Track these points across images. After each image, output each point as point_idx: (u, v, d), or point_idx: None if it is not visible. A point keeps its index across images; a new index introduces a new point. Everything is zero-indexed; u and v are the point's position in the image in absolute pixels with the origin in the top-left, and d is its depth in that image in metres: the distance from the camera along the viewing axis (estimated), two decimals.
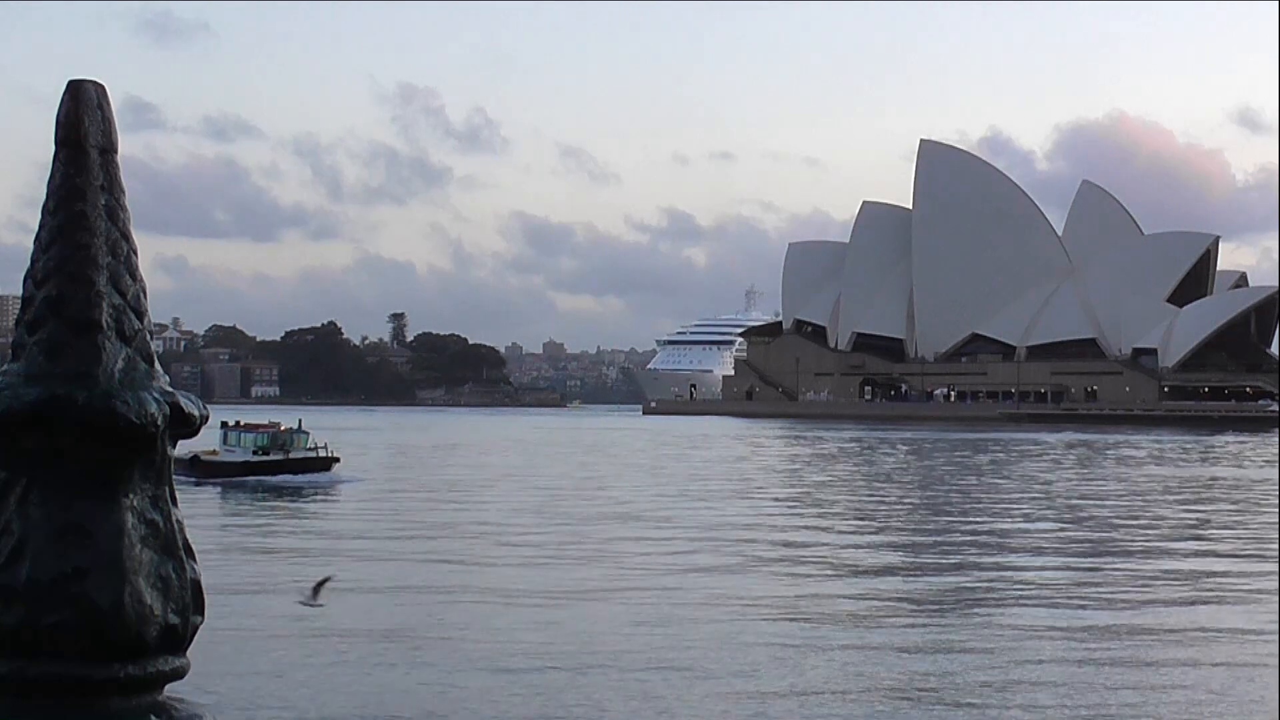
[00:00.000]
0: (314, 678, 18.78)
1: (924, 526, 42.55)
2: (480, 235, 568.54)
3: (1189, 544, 39.38)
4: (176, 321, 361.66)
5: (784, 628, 23.65)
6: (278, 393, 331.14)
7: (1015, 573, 31.70)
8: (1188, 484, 64.43)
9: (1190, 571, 33.29)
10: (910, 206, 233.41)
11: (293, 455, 61.27)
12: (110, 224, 2.09)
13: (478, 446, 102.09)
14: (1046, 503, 52.68)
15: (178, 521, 2.09)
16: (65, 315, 2.07)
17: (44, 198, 2.08)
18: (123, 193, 2.11)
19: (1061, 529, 43.05)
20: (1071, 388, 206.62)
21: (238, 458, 60.86)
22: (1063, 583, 29.88)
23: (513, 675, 19.08)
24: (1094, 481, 65.57)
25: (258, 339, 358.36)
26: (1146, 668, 20.72)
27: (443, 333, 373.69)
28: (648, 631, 22.72)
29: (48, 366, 2.07)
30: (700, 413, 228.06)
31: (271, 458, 60.87)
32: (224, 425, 63.63)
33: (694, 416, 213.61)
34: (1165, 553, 37.20)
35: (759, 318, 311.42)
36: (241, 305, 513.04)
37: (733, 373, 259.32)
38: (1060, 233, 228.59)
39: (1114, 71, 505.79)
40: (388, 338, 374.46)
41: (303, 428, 63.10)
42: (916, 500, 53.97)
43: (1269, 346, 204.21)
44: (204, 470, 59.62)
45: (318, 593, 20.81)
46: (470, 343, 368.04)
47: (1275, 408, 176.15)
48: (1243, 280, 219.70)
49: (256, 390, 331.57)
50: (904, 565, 33.72)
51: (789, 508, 49.61)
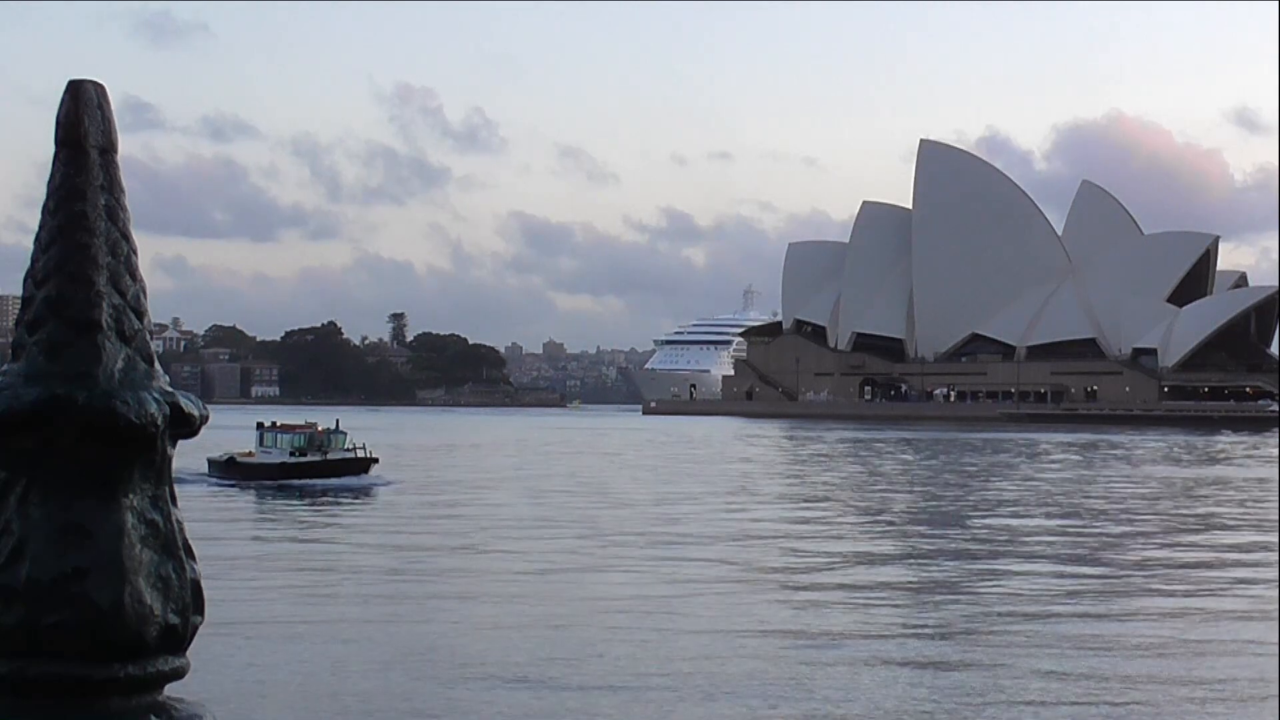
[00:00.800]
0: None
1: (926, 530, 42.17)
2: (479, 235, 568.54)
3: (1192, 542, 39.04)
4: (176, 321, 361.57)
5: (786, 639, 23.41)
6: (278, 393, 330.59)
7: (1015, 577, 31.35)
8: (1190, 484, 64.12)
9: (1194, 573, 32.98)
10: (910, 206, 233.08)
11: (331, 456, 59.82)
12: (110, 224, 2.09)
13: (488, 447, 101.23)
14: (1046, 503, 52.28)
15: (178, 521, 2.10)
16: (65, 315, 2.07)
17: (44, 198, 2.09)
18: (123, 192, 2.12)
19: (1062, 529, 42.64)
20: (1071, 388, 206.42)
21: (274, 459, 59.68)
22: (1059, 591, 29.47)
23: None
24: (1095, 482, 65.27)
25: (257, 339, 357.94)
26: (1155, 683, 20.68)
27: (443, 333, 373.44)
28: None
29: (48, 366, 2.05)
30: (700, 413, 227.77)
31: (309, 459, 59.45)
32: (260, 426, 62.31)
33: (694, 417, 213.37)
34: (1168, 554, 36.85)
35: (756, 318, 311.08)
36: (241, 305, 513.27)
37: (731, 373, 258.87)
38: (1060, 233, 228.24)
39: (1112, 71, 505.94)
40: (388, 338, 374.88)
41: (340, 428, 61.66)
42: (919, 501, 53.56)
43: (1269, 346, 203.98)
44: (240, 472, 58.85)
45: None
46: (470, 343, 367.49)
47: (1275, 408, 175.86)
48: (1243, 280, 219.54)
49: (256, 390, 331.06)
50: (910, 570, 33.22)
51: (792, 510, 49.20)
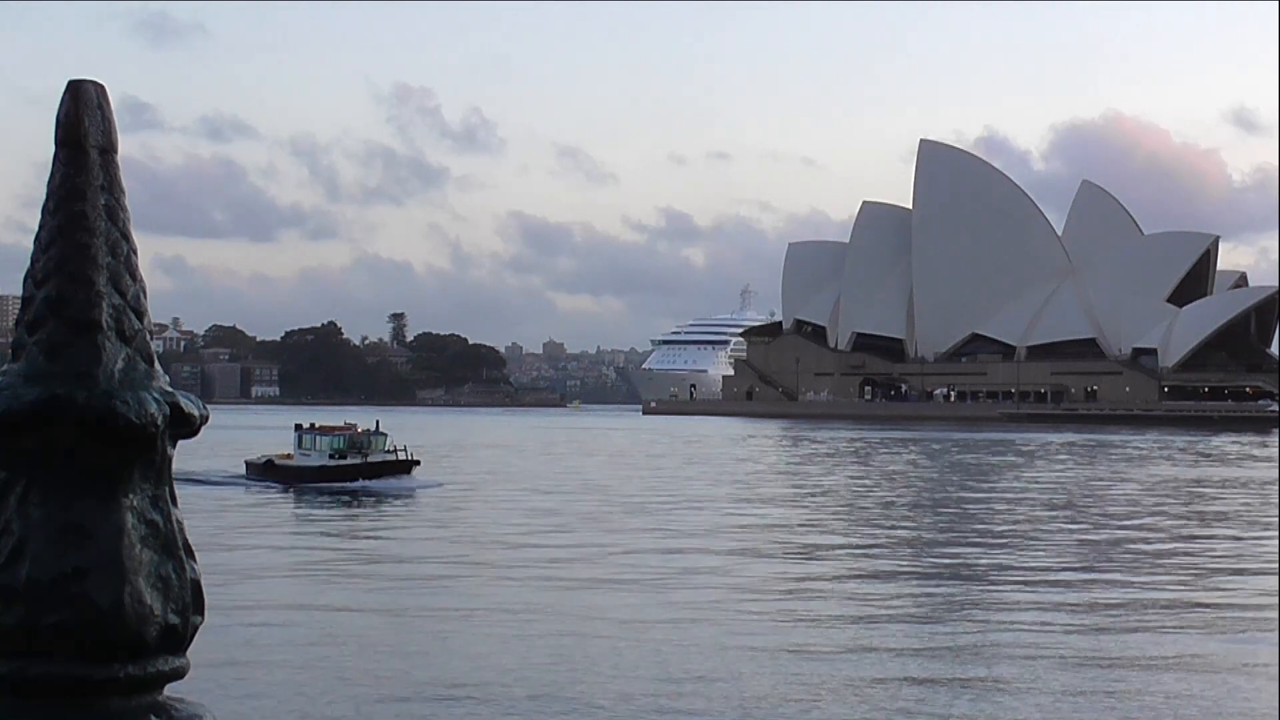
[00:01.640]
0: None
1: (930, 533, 42.05)
2: (478, 235, 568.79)
3: (1192, 545, 38.96)
4: (176, 321, 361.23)
5: (789, 641, 23.42)
6: (278, 393, 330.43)
7: (1018, 588, 31.05)
8: (1190, 484, 63.99)
9: (1194, 576, 32.86)
10: (910, 206, 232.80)
11: (371, 458, 58.32)
12: (110, 224, 2.08)
13: (503, 448, 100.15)
14: (1051, 504, 52.08)
15: (178, 521, 2.09)
16: (65, 315, 2.05)
17: (44, 198, 2.09)
18: (123, 193, 2.12)
19: (1064, 530, 42.48)
20: (1071, 388, 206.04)
21: (313, 462, 58.52)
22: (1065, 603, 29.01)
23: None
24: (1096, 481, 65.15)
25: (257, 339, 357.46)
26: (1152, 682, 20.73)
27: (442, 333, 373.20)
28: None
29: (48, 366, 2.04)
30: (700, 413, 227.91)
31: (349, 461, 57.98)
32: (298, 428, 61.21)
33: (694, 417, 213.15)
34: (1168, 555, 36.75)
35: (754, 318, 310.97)
36: (241, 305, 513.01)
37: (731, 372, 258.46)
38: (1060, 232, 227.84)
39: (1109, 71, 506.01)
40: (388, 338, 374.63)
41: (380, 429, 60.12)
42: (921, 503, 53.35)
43: (1269, 346, 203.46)
44: (279, 475, 57.98)
45: None
46: (470, 342, 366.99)
47: (1275, 408, 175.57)
48: (1243, 280, 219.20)
49: (257, 390, 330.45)
50: (916, 576, 32.89)
51: (796, 513, 48.97)
